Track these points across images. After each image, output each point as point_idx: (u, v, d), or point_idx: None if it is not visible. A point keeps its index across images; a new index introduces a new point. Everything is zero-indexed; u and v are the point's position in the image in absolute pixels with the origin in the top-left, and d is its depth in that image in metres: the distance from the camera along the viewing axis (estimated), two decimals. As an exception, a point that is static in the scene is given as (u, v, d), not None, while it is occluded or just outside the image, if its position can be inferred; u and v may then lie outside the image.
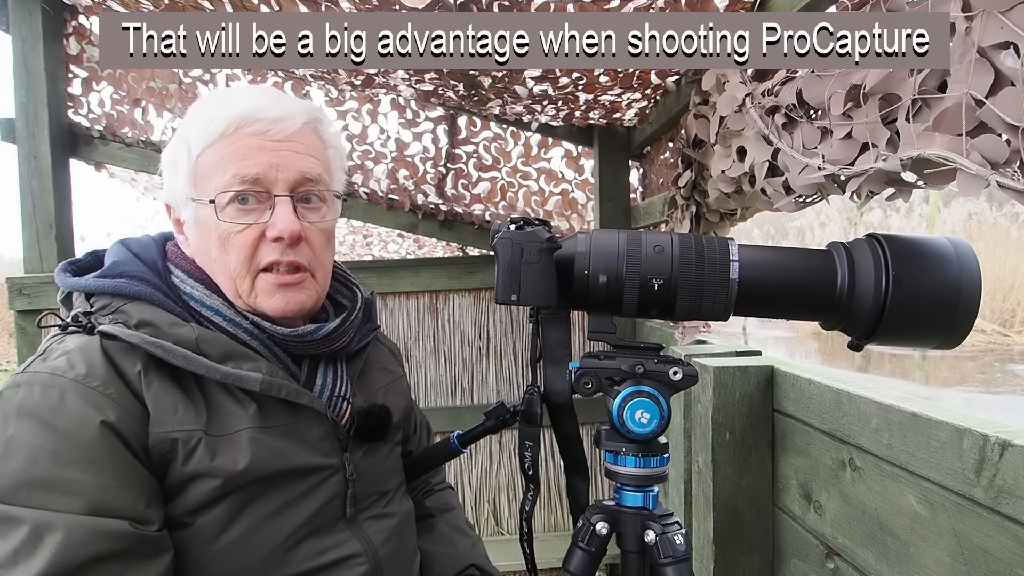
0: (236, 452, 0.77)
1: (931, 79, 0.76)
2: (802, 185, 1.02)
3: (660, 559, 0.76)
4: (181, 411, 0.76)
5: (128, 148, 2.78)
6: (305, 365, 0.89)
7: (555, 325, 0.81)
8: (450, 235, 2.94)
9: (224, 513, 0.77)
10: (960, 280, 0.68)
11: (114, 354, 0.75)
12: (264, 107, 0.81)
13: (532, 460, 0.84)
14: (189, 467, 0.75)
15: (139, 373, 0.75)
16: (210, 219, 0.81)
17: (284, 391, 0.80)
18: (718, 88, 1.36)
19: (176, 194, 0.85)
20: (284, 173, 0.81)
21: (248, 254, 0.82)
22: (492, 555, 1.12)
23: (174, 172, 0.85)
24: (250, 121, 0.80)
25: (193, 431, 0.75)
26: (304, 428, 0.83)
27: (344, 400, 0.90)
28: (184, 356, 0.76)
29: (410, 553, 0.98)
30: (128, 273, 0.81)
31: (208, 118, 0.81)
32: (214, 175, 0.81)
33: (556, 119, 2.55)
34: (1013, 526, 0.73)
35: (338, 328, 0.88)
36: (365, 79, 2.22)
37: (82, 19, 2.70)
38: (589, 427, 1.46)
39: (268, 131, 0.81)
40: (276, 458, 0.79)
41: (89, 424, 0.71)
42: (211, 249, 0.83)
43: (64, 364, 0.73)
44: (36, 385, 0.72)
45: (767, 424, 1.31)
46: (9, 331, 9.84)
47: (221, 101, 0.84)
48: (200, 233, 0.84)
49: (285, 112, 0.82)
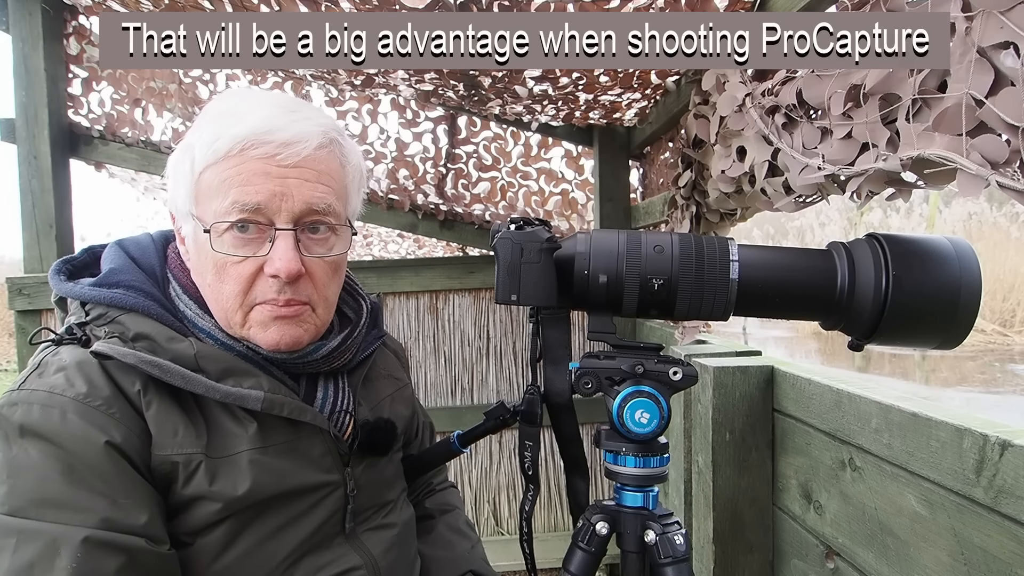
0: (236, 476, 0.75)
1: (931, 79, 0.76)
2: (802, 185, 1.02)
3: (660, 559, 0.76)
4: (181, 433, 0.74)
5: (128, 148, 2.78)
6: (304, 379, 0.86)
7: (555, 325, 0.81)
8: (450, 235, 2.94)
9: (224, 535, 0.76)
10: (960, 280, 0.68)
11: (113, 372, 0.73)
12: (275, 127, 0.75)
13: (532, 460, 0.83)
14: (189, 490, 0.74)
15: (139, 392, 0.73)
16: (208, 242, 0.76)
17: (287, 409, 0.78)
18: (718, 88, 1.36)
19: (178, 206, 0.81)
20: (288, 203, 0.76)
21: (243, 287, 0.77)
22: (492, 555, 1.12)
23: (177, 182, 0.81)
24: (257, 143, 0.74)
25: (193, 454, 0.74)
26: (305, 445, 0.82)
27: (347, 414, 0.87)
28: (182, 376, 0.73)
29: (411, 560, 0.98)
30: (125, 283, 0.79)
31: (215, 133, 0.75)
32: (214, 197, 0.76)
33: (556, 119, 2.55)
34: (1013, 526, 0.73)
35: (339, 347, 0.85)
36: (365, 79, 2.22)
37: (82, 19, 2.70)
38: (589, 427, 1.46)
39: (276, 155, 0.75)
40: (277, 480, 0.78)
41: (95, 444, 0.69)
42: (206, 274, 0.79)
43: (63, 382, 0.71)
44: (35, 404, 0.70)
45: (767, 424, 1.31)
46: (9, 331, 9.84)
47: (231, 113, 0.77)
48: (198, 254, 0.80)
49: (298, 134, 0.76)
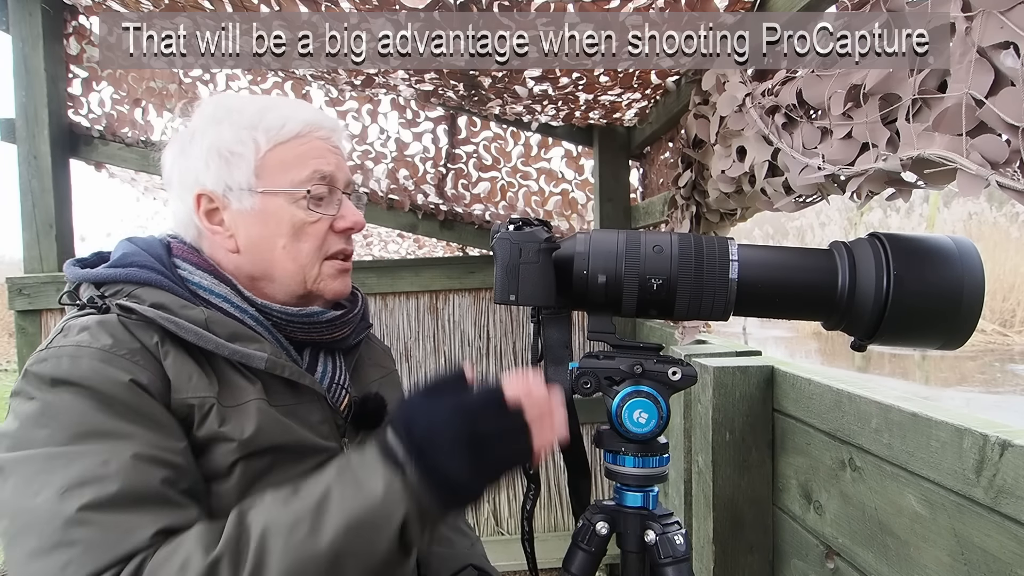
0: (244, 420, 0.80)
1: (931, 79, 0.76)
2: (802, 185, 1.02)
3: (660, 559, 0.76)
4: (195, 379, 0.79)
5: (128, 148, 2.78)
6: (307, 353, 0.93)
7: (556, 325, 0.82)
8: (450, 235, 2.94)
9: (237, 484, 0.79)
10: (963, 279, 0.67)
11: (132, 328, 0.79)
12: (322, 117, 0.93)
13: None
14: (203, 431, 0.78)
15: (157, 344, 0.79)
16: (282, 209, 0.88)
17: (287, 371, 0.84)
18: (718, 88, 1.36)
19: (230, 183, 0.88)
20: (342, 173, 0.93)
21: (320, 242, 0.90)
22: (492, 555, 1.12)
23: (226, 164, 0.87)
24: (318, 127, 0.91)
25: (207, 398, 0.79)
26: (305, 410, 0.87)
27: (342, 388, 0.94)
28: (195, 332, 0.80)
29: None
30: (138, 263, 0.85)
31: (281, 118, 0.89)
32: (290, 169, 0.88)
33: (556, 119, 2.55)
34: (1013, 526, 0.73)
35: (341, 316, 0.94)
36: (365, 79, 2.22)
37: (82, 19, 2.70)
38: (589, 427, 1.46)
39: (330, 138, 0.92)
40: (281, 430, 0.83)
41: (122, 383, 0.74)
42: (278, 238, 0.88)
43: (88, 337, 0.76)
44: (64, 357, 0.74)
45: (767, 424, 1.31)
46: (9, 331, 9.84)
47: (288, 106, 0.93)
48: (262, 222, 0.88)
49: (335, 125, 0.95)
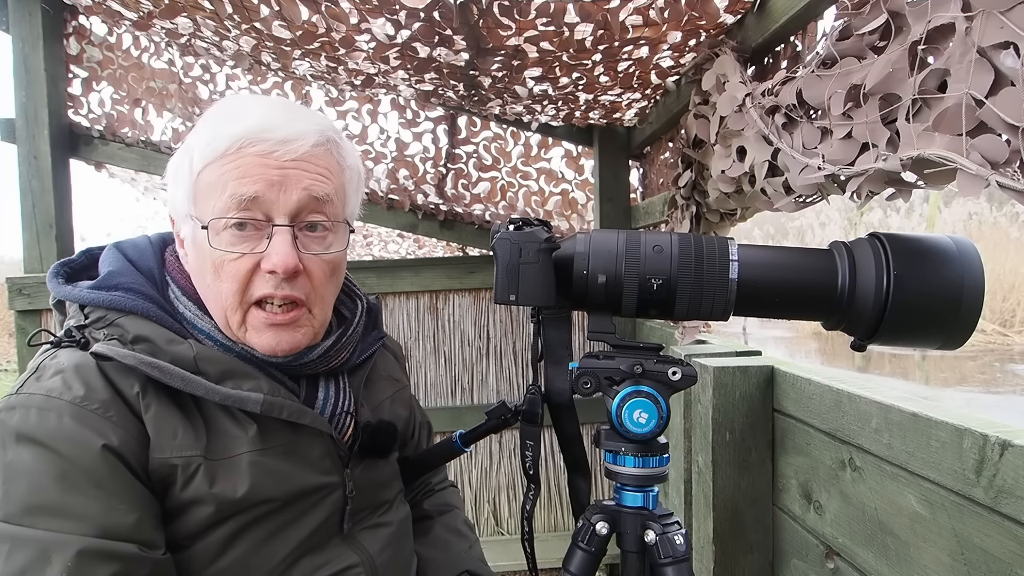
0: (235, 478, 0.75)
1: (931, 79, 0.76)
2: (802, 185, 1.02)
3: (660, 559, 0.76)
4: (180, 435, 0.74)
5: (128, 148, 2.78)
6: (304, 381, 0.86)
7: (556, 325, 0.81)
8: (450, 235, 2.94)
9: (221, 537, 0.76)
10: (963, 279, 0.67)
11: (111, 374, 0.73)
12: (272, 125, 0.76)
13: (533, 460, 0.83)
14: (188, 493, 0.74)
15: (137, 395, 0.73)
16: (204, 243, 0.77)
17: (286, 411, 0.78)
18: (718, 88, 1.36)
19: (177, 208, 0.82)
20: (286, 195, 0.76)
21: (241, 285, 0.77)
22: (492, 555, 1.12)
23: (177, 184, 0.81)
24: (255, 140, 0.75)
25: (192, 457, 0.74)
26: (305, 447, 0.82)
27: (347, 415, 0.88)
28: (182, 377, 0.73)
29: (407, 557, 0.98)
30: (124, 285, 0.79)
31: (212, 133, 0.77)
32: (212, 195, 0.76)
33: (556, 119, 2.55)
34: (1013, 526, 0.73)
35: (333, 346, 0.85)
36: (365, 79, 2.22)
37: (82, 19, 2.70)
38: (589, 427, 1.46)
39: (273, 152, 0.75)
40: (276, 482, 0.78)
41: (91, 448, 0.69)
42: (205, 274, 0.79)
43: (60, 385, 0.71)
44: (32, 408, 0.70)
45: (767, 424, 1.31)
46: (9, 331, 9.84)
47: (229, 114, 0.79)
48: (197, 254, 0.80)
49: (294, 132, 0.77)
